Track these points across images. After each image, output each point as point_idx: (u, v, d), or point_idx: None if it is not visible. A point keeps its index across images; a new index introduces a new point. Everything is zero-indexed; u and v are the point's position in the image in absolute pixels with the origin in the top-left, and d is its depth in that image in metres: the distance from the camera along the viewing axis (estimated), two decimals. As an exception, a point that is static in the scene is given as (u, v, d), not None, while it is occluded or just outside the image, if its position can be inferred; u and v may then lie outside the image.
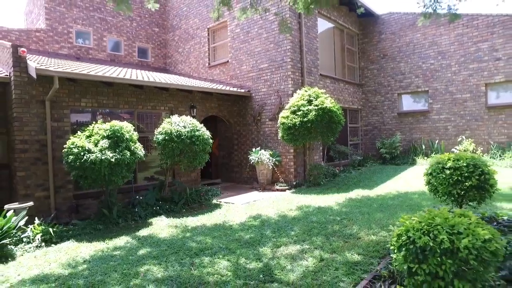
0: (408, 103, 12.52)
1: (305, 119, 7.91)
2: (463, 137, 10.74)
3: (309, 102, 8.16)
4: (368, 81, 13.37)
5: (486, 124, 10.35)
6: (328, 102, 8.13)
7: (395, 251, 2.66)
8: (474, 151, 10.26)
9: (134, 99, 8.03)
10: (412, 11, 12.13)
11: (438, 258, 2.35)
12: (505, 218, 4.29)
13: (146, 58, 13.77)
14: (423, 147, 11.61)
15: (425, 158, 11.21)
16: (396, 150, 11.85)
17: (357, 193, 7.44)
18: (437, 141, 11.36)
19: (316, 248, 4.05)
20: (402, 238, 2.60)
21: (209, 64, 11.87)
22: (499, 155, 9.67)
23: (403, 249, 2.57)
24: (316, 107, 7.91)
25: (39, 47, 10.47)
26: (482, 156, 9.87)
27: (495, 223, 4.17)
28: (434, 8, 6.47)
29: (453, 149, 10.57)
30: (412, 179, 8.73)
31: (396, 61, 12.58)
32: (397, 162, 11.66)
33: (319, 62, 10.52)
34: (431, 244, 2.39)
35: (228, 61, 10.97)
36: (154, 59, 13.93)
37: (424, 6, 6.50)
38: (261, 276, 3.39)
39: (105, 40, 12.39)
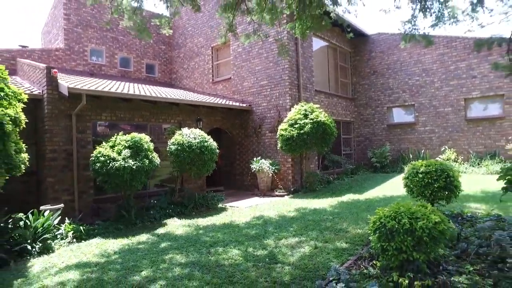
0: (396, 116, 13.44)
1: (302, 131, 8.75)
2: (446, 147, 11.63)
3: (305, 116, 9.02)
4: (359, 96, 14.31)
5: (466, 135, 11.27)
6: (322, 116, 8.99)
7: (372, 234, 3.45)
8: (456, 160, 11.13)
9: (147, 113, 8.83)
10: (399, 32, 13.16)
11: (402, 236, 3.13)
12: (469, 214, 5.10)
13: (153, 73, 14.65)
14: (411, 156, 12.46)
15: (412, 166, 12.03)
16: (386, 159, 12.69)
17: (348, 197, 8.23)
18: (423, 151, 12.24)
19: (311, 240, 4.82)
20: (376, 223, 3.39)
21: (212, 80, 12.75)
22: (477, 163, 10.54)
23: (377, 231, 3.35)
24: (311, 121, 8.77)
25: (58, 65, 11.30)
26: (463, 164, 10.75)
27: (460, 218, 4.97)
28: (413, 34, 7.42)
29: (437, 158, 11.42)
30: (398, 185, 9.48)
31: (385, 77, 13.55)
32: (387, 170, 12.48)
33: (314, 78, 11.44)
34: (397, 226, 3.18)
35: (231, 77, 11.86)
36: (161, 75, 14.81)
37: (404, 32, 7.45)
38: (267, 259, 4.15)
39: (116, 57, 13.27)
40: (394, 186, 9.53)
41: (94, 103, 7.77)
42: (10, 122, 4.52)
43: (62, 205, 6.44)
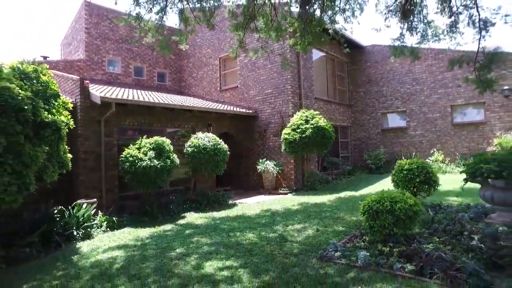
0: (390, 121, 14.36)
1: (303, 135, 9.64)
2: (435, 149, 12.53)
3: (306, 121, 9.92)
4: (356, 102, 15.25)
5: (453, 139, 12.18)
6: (322, 121, 9.89)
7: (362, 215, 4.33)
8: (444, 161, 12.03)
9: (164, 118, 9.72)
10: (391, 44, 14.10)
11: (384, 216, 4.01)
12: (446, 204, 5.98)
13: (164, 82, 15.57)
14: (403, 158, 13.31)
15: (405, 167, 12.94)
16: (380, 161, 13.57)
17: (345, 194, 9.11)
18: (414, 153, 13.14)
19: (314, 225, 5.68)
20: (365, 207, 4.28)
21: (220, 88, 13.67)
22: (462, 164, 11.42)
23: (366, 213, 4.23)
24: (312, 126, 9.67)
25: (79, 74, 12.20)
26: (449, 165, 11.65)
27: (438, 207, 5.85)
28: (402, 49, 8.34)
29: (427, 160, 12.32)
30: (390, 184, 10.40)
31: (379, 85, 14.49)
32: (381, 171, 13.35)
33: (314, 87, 12.36)
34: (380, 208, 4.06)
35: (237, 86, 12.78)
36: (171, 83, 15.74)
37: (394, 47, 8.38)
38: (277, 239, 5.01)
39: (131, 67, 14.20)
40: (386, 185, 10.34)
41: (120, 110, 8.66)
42: (66, 128, 5.41)
43: (95, 199, 7.30)
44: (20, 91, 4.43)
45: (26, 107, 4.42)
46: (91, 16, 12.74)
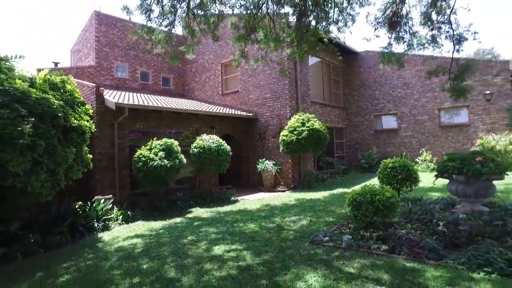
0: (382, 123, 15.06)
1: (300, 137, 10.33)
2: (424, 149, 13.24)
3: (303, 124, 10.61)
4: (350, 105, 15.95)
5: (440, 140, 12.89)
6: (317, 124, 10.59)
7: (347, 206, 5.02)
8: (431, 160, 12.73)
9: (171, 121, 10.40)
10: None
11: (366, 206, 4.70)
12: (425, 199, 6.67)
13: (168, 86, 16.25)
14: (394, 157, 14.01)
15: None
16: (373, 161, 14.26)
17: (338, 191, 9.80)
18: (404, 153, 13.84)
19: (307, 217, 6.37)
20: (350, 199, 4.97)
21: (222, 92, 14.36)
22: (448, 163, 12.14)
23: (351, 204, 4.92)
24: (308, 128, 10.36)
25: (90, 80, 12.87)
26: (437, 164, 12.37)
27: (419, 201, 6.54)
28: (389, 57, 9.04)
29: (416, 159, 13.03)
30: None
31: (372, 89, 15.20)
32: (374, 170, 13.98)
33: (311, 91, 13.06)
34: (363, 199, 4.75)
35: (238, 90, 13.47)
36: (175, 87, 16.42)
37: (382, 55, 9.08)
38: (276, 229, 5.69)
39: (137, 72, 14.88)
40: (377, 182, 11.09)
41: (131, 114, 9.33)
42: (89, 132, 6.09)
43: (111, 195, 7.98)
44: (54, 100, 5.12)
45: (60, 114, 5.10)
46: (101, 25, 13.42)
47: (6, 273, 4.47)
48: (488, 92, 11.41)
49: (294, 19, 8.75)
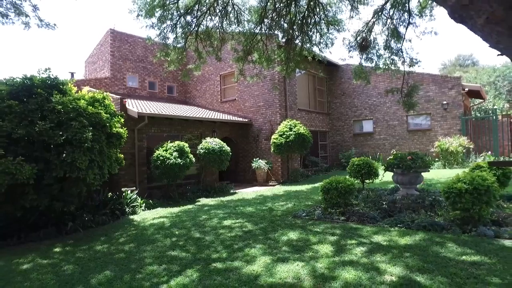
0: (360, 127, 16.90)
1: (288, 140, 12.03)
2: (394, 150, 15.08)
3: (290, 129, 12.32)
4: (333, 111, 17.75)
5: (408, 142, 14.76)
6: (302, 129, 12.31)
7: (320, 192, 6.72)
8: (400, 160, 14.58)
9: (180, 126, 11.99)
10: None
11: (332, 191, 6.40)
12: (382, 188, 8.44)
13: (172, 93, 17.80)
14: (370, 157, 15.86)
15: (371, 165, 15.51)
16: (352, 160, 16.06)
17: (319, 184, 11.51)
18: (378, 153, 15.68)
19: (292, 202, 8.07)
20: (322, 187, 6.66)
21: (221, 100, 15.98)
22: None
23: (322, 190, 6.63)
24: (294, 133, 12.07)
25: (106, 90, 14.34)
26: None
27: (377, 190, 8.29)
28: (359, 75, 10.80)
29: (387, 158, 14.85)
30: (356, 177, 12.92)
31: (352, 98, 17.02)
32: (353, 168, 15.84)
33: (298, 100, 14.78)
34: (330, 187, 6.45)
35: (235, 99, 15.11)
36: (178, 94, 17.97)
37: (354, 73, 10.84)
38: (268, 210, 7.37)
39: (146, 82, 16.39)
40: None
41: (149, 121, 10.89)
42: (125, 137, 7.67)
43: (134, 188, 9.55)
44: (103, 113, 6.70)
45: (107, 124, 6.69)
46: (115, 41, 14.91)
47: (81, 239, 6.04)
48: (445, 102, 13.30)
49: (283, 42, 10.44)
